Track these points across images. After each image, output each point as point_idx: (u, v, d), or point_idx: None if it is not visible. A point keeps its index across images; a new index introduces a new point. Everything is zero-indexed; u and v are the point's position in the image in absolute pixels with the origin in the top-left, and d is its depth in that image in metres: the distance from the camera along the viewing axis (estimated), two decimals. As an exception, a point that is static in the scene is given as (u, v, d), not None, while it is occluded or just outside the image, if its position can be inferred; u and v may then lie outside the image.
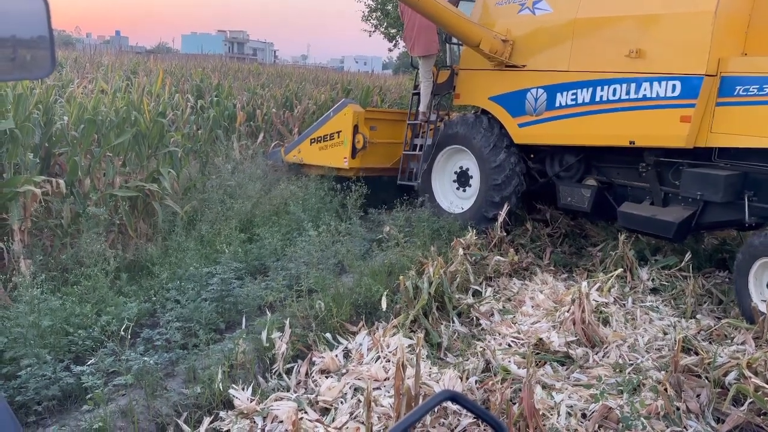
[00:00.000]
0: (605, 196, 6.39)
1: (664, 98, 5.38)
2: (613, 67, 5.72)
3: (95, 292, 4.78)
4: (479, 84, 6.98)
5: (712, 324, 4.91)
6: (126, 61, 16.60)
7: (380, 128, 8.31)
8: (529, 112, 6.38)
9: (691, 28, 5.24)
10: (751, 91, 4.97)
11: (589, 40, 5.96)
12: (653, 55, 5.47)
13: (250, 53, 63.77)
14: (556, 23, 6.21)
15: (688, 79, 5.24)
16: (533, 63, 6.40)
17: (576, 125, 6.02)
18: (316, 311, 4.71)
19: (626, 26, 5.71)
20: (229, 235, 6.30)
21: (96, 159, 6.30)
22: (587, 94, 5.88)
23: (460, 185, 7.45)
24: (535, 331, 4.65)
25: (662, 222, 5.62)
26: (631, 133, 5.67)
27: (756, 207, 5.21)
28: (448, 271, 5.36)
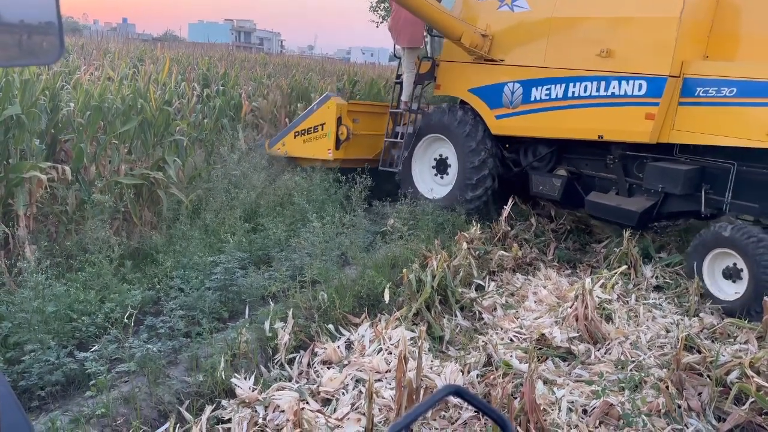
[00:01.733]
0: (574, 186, 6.77)
1: (631, 96, 5.73)
2: (584, 65, 6.04)
3: (99, 278, 4.79)
4: (459, 76, 7.23)
5: (715, 323, 4.90)
6: (133, 49, 16.58)
7: (363, 120, 8.50)
8: (506, 105, 6.69)
9: (657, 32, 5.58)
10: (710, 93, 5.35)
11: (563, 39, 6.26)
12: (622, 55, 5.80)
13: (257, 43, 63.61)
14: (533, 21, 6.50)
15: (654, 79, 5.59)
16: (511, 58, 6.69)
17: (549, 119, 6.34)
18: (319, 302, 4.71)
19: (598, 27, 6.03)
20: (233, 224, 6.31)
21: (102, 146, 6.31)
22: (560, 89, 6.19)
23: (439, 172, 7.71)
24: (537, 327, 4.65)
25: (626, 211, 6.03)
26: (599, 127, 6.01)
27: (712, 199, 5.63)
28: (451, 265, 5.35)
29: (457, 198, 7.18)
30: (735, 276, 5.29)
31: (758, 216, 5.48)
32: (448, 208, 7.03)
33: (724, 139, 5.33)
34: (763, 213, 5.46)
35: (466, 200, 7.11)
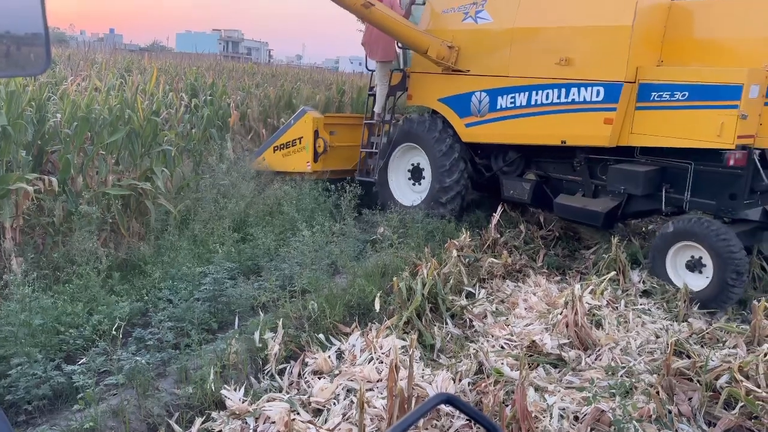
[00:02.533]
0: (543, 189, 7.04)
1: (590, 102, 5.98)
2: (545, 73, 6.26)
3: (87, 290, 4.75)
4: (429, 86, 7.46)
5: (704, 327, 4.93)
6: (120, 59, 16.53)
7: (340, 132, 8.74)
8: (474, 114, 6.92)
9: (612, 40, 5.79)
10: (664, 97, 5.61)
11: (524, 49, 6.47)
12: (580, 63, 6.04)
13: (245, 53, 63.59)
14: (496, 32, 6.72)
15: (610, 85, 5.83)
16: (477, 68, 6.91)
17: (515, 126, 6.58)
18: (309, 312, 4.69)
19: (556, 37, 6.24)
20: (222, 234, 6.28)
21: (89, 157, 6.26)
22: (524, 97, 6.43)
23: (414, 179, 7.94)
24: (528, 334, 4.65)
25: (591, 212, 6.29)
26: (562, 133, 6.26)
27: (672, 198, 5.90)
28: (441, 273, 5.36)
29: (433, 204, 7.39)
30: (698, 268, 5.53)
31: (716, 212, 5.68)
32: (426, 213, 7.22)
33: (679, 141, 5.57)
34: (720, 209, 5.67)
35: (441, 205, 7.33)
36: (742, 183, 5.54)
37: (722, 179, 5.60)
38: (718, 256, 5.30)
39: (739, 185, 5.56)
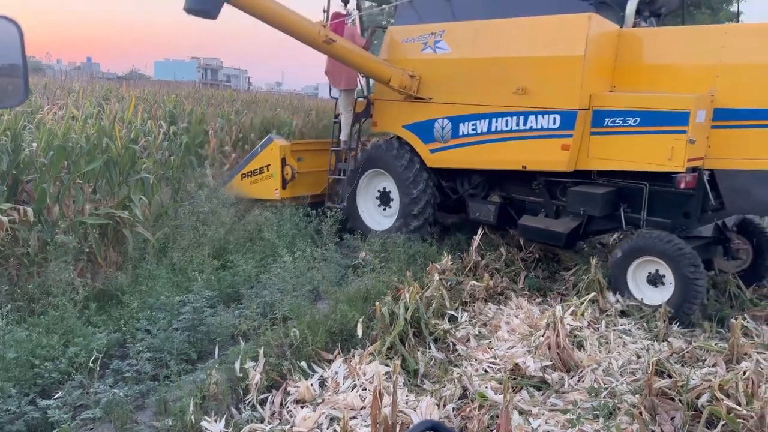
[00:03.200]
0: (508, 210, 7.28)
1: (547, 129, 6.20)
2: (504, 101, 6.47)
3: (63, 322, 4.66)
4: (393, 113, 7.64)
5: (684, 346, 4.97)
6: (98, 88, 16.43)
7: (307, 159, 8.86)
8: (438, 140, 7.12)
9: (565, 70, 6.02)
10: (617, 123, 5.84)
11: (483, 78, 6.67)
12: (536, 92, 6.26)
13: (224, 80, 63.68)
14: (455, 62, 6.92)
15: (566, 113, 6.06)
16: (438, 96, 7.09)
17: (477, 151, 6.79)
18: (291, 339, 4.64)
19: (512, 67, 6.45)
20: (201, 262, 6.22)
21: (65, 186, 6.19)
22: (485, 124, 6.64)
23: (383, 204, 8.06)
24: (511, 356, 4.65)
25: (554, 232, 6.51)
26: (522, 158, 6.48)
27: (630, 217, 6.16)
28: (424, 297, 5.35)
29: (402, 228, 7.49)
30: (658, 282, 5.72)
31: (671, 230, 5.87)
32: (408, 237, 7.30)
33: (633, 164, 5.83)
34: (674, 227, 5.91)
35: (410, 229, 7.44)
36: (694, 202, 5.84)
37: (676, 199, 5.88)
38: (678, 269, 5.50)
39: (691, 204, 5.86)
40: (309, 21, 6.76)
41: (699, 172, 5.74)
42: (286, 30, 6.63)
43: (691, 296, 5.45)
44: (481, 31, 6.76)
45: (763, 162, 5.44)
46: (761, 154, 5.44)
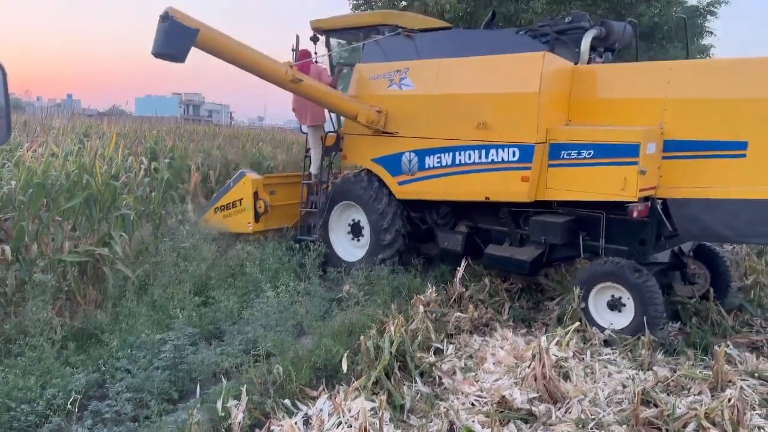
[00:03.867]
0: (474, 239, 7.48)
1: (507, 162, 6.44)
2: (466, 135, 6.71)
3: (40, 363, 4.55)
4: (362, 147, 7.85)
5: (668, 375, 4.97)
6: (78, 124, 16.35)
7: (280, 192, 9.04)
8: (406, 172, 7.34)
9: (522, 106, 6.27)
10: (572, 155, 6.09)
11: (446, 113, 6.91)
12: (495, 126, 6.50)
13: (206, 115, 63.87)
14: (419, 98, 7.18)
15: (524, 146, 6.29)
16: (405, 130, 7.32)
17: (443, 183, 7.00)
18: (275, 376, 4.57)
19: (473, 102, 6.70)
20: (182, 299, 6.14)
21: (44, 224, 6.12)
22: (449, 157, 6.87)
23: (355, 235, 8.18)
24: (497, 389, 4.61)
25: (518, 261, 6.70)
26: (485, 190, 6.72)
27: (589, 245, 6.40)
28: (409, 329, 5.31)
29: (374, 259, 7.61)
30: (618, 306, 5.93)
31: (628, 257, 6.05)
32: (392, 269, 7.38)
33: (589, 194, 6.06)
34: (631, 254, 6.11)
35: (381, 259, 7.55)
36: (649, 230, 6.07)
37: (631, 227, 6.11)
38: (637, 294, 5.72)
39: (646, 232, 6.09)
40: (276, 61, 6.93)
41: (652, 200, 5.96)
42: (254, 71, 6.81)
43: (652, 320, 5.61)
44: (443, 68, 7.04)
45: (711, 191, 5.67)
46: (708, 183, 5.68)
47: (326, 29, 8.66)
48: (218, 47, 6.39)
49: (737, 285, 7.17)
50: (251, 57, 6.66)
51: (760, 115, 5.41)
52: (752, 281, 7.24)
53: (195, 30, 6.05)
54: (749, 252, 8.26)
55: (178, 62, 6.20)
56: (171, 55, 6.18)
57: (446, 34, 7.79)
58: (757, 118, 5.43)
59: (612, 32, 6.83)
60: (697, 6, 18.29)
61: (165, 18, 5.96)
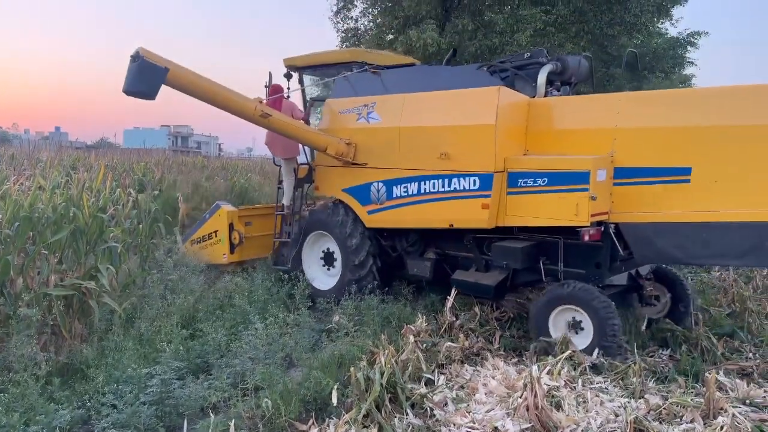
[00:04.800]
0: (442, 265, 7.73)
1: (468, 190, 6.72)
2: (430, 165, 7.02)
3: (24, 399, 4.47)
4: (333, 178, 8.13)
5: (660, 403, 4.95)
6: (66, 157, 16.34)
7: (255, 223, 9.35)
8: (374, 202, 7.61)
9: (480, 137, 6.57)
10: (529, 183, 6.37)
11: (411, 144, 7.25)
12: (457, 157, 6.80)
13: (195, 147, 63.99)
14: (386, 130, 7.49)
15: (484, 175, 6.58)
16: (373, 161, 7.64)
17: (410, 212, 7.27)
18: (263, 410, 4.51)
19: (435, 134, 7.02)
20: (170, 332, 6.07)
21: (30, 257, 6.05)
22: (415, 187, 7.17)
23: (327, 264, 8.38)
24: (490, 420, 4.57)
25: (483, 285, 6.96)
26: (449, 217, 6.95)
27: (549, 269, 6.63)
28: (399, 360, 5.27)
29: (346, 288, 7.76)
30: (577, 328, 6.12)
31: (585, 280, 6.28)
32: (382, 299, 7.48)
33: (545, 220, 6.32)
34: (588, 277, 6.35)
35: (353, 288, 7.70)
36: (603, 253, 6.33)
37: (586, 251, 6.38)
38: (594, 316, 5.93)
39: (601, 255, 6.35)
40: (245, 98, 7.16)
41: (605, 225, 6.22)
42: (224, 107, 7.04)
43: (608, 341, 5.84)
44: (407, 102, 7.36)
45: (660, 215, 5.96)
46: (657, 208, 5.97)
47: (299, 66, 9.08)
48: (188, 85, 6.63)
49: (726, 311, 7.21)
50: (221, 94, 6.90)
51: (701, 142, 5.73)
52: (741, 307, 7.29)
53: (165, 69, 6.30)
54: (736, 278, 8.32)
55: (149, 99, 6.40)
56: (141, 93, 6.38)
57: (410, 70, 8.15)
58: (698, 145, 5.74)
59: (567, 67, 7.21)
60: (678, 37, 18.73)
61: (135, 58, 6.19)
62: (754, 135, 5.50)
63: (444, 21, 14.56)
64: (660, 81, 19.82)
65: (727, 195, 5.64)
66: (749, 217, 5.54)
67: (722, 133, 5.64)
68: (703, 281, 8.35)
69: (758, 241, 5.53)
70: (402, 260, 8.03)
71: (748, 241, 5.57)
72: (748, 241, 5.57)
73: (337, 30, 16.68)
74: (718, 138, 5.65)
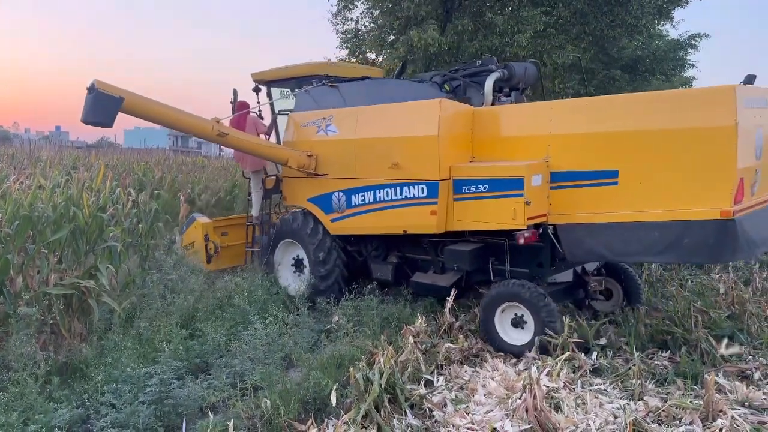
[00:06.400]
0: (404, 269, 8.04)
1: (418, 198, 7.06)
2: (383, 175, 7.36)
3: (23, 398, 4.47)
4: (299, 188, 8.45)
5: (659, 405, 4.95)
6: (66, 156, 16.36)
7: (231, 233, 9.72)
8: (336, 210, 7.94)
9: (425, 147, 6.90)
10: (471, 190, 6.68)
11: (365, 155, 7.58)
12: (405, 166, 7.14)
13: (195, 146, 63.96)
14: (343, 142, 7.84)
15: (430, 183, 6.91)
16: (333, 172, 7.96)
17: (368, 219, 7.60)
18: (262, 410, 4.51)
19: (386, 145, 7.36)
20: (169, 331, 6.07)
21: (30, 256, 6.05)
22: (371, 195, 7.50)
23: (298, 270, 8.65)
24: (489, 421, 4.57)
25: (439, 286, 7.32)
26: (402, 224, 7.30)
27: (498, 269, 6.99)
28: (399, 361, 5.27)
29: (313, 291, 8.03)
30: (521, 324, 6.41)
31: (530, 278, 6.62)
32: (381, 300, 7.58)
33: (487, 224, 6.64)
34: (531, 276, 6.70)
35: (322, 291, 8.00)
36: (544, 254, 6.74)
37: (529, 252, 6.76)
38: (535, 312, 6.23)
39: (542, 255, 6.76)
40: (202, 119, 7.49)
41: (543, 227, 6.58)
42: (182, 129, 7.40)
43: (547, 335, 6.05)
44: (360, 115, 7.71)
45: (591, 216, 6.28)
46: (588, 209, 6.29)
47: (266, 80, 9.43)
48: (144, 111, 7.02)
49: (726, 313, 7.19)
50: (177, 117, 7.30)
51: (626, 146, 6.04)
52: (740, 309, 7.28)
53: (119, 98, 6.60)
54: (736, 280, 8.31)
55: (107, 127, 6.73)
56: (98, 123, 6.67)
57: (365, 83, 8.38)
58: (624, 149, 6.05)
59: (514, 74, 7.49)
60: (678, 39, 18.72)
61: (91, 89, 6.51)
62: (673, 138, 5.80)
63: (445, 22, 14.55)
64: (661, 83, 19.80)
65: (650, 196, 5.95)
66: (669, 217, 5.86)
67: (645, 137, 5.94)
68: (702, 283, 8.33)
69: (676, 238, 5.84)
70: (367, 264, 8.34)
71: (667, 238, 5.89)
72: (667, 238, 5.89)
73: (336, 32, 16.67)
74: (642, 142, 5.95)
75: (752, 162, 5.93)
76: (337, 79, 8.37)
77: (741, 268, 9.40)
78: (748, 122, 5.69)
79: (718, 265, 9.65)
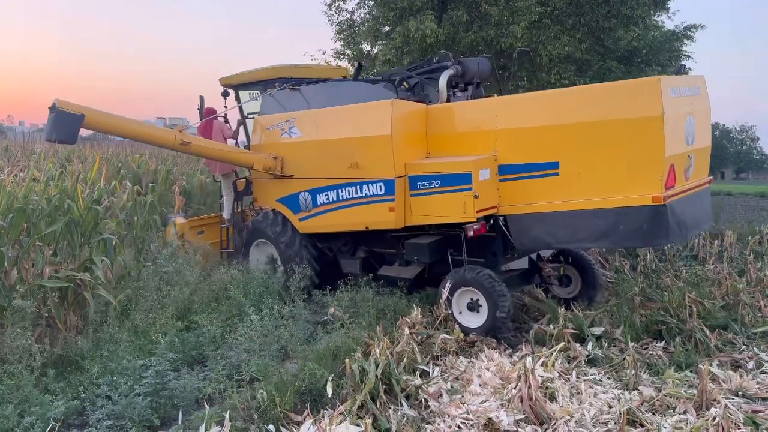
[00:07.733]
0: (371, 262, 8.26)
1: (377, 195, 7.33)
2: (344, 174, 7.62)
3: (19, 391, 4.48)
4: (268, 190, 8.72)
5: (654, 394, 4.98)
6: (60, 149, 16.28)
7: (208, 231, 9.87)
8: (304, 209, 8.20)
9: (379, 146, 7.16)
10: (425, 185, 6.98)
11: (326, 156, 7.86)
12: (363, 165, 7.40)
13: (190, 139, 63.57)
14: (305, 143, 8.10)
15: (387, 181, 7.18)
16: (298, 173, 8.23)
17: (332, 217, 7.87)
18: (258, 402, 4.52)
19: (344, 146, 7.61)
20: (165, 324, 6.07)
21: (25, 249, 6.04)
22: (334, 194, 7.78)
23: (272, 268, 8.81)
24: (484, 411, 4.59)
25: (404, 279, 7.61)
26: (364, 220, 7.57)
27: (456, 259, 7.23)
28: (394, 352, 5.28)
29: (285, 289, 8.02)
30: (476, 308, 6.69)
31: (486, 266, 6.89)
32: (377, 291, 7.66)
33: (441, 218, 6.95)
34: (487, 264, 6.98)
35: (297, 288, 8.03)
36: (497, 243, 7.09)
37: (483, 242, 7.04)
38: (489, 296, 6.52)
39: (495, 245, 7.10)
40: (163, 129, 7.81)
41: (495, 218, 6.86)
42: (144, 140, 7.67)
43: (500, 319, 6.43)
44: (320, 117, 7.97)
45: (536, 206, 6.58)
46: (534, 200, 6.58)
47: (234, 84, 9.60)
48: (106, 126, 7.33)
49: (720, 304, 7.23)
50: (137, 129, 7.59)
51: (566, 139, 6.30)
52: (734, 300, 7.31)
53: (80, 116, 6.74)
54: (731, 271, 8.35)
55: (70, 144, 6.99)
56: (62, 140, 6.86)
57: (323, 86, 8.60)
58: (563, 141, 6.31)
59: (467, 69, 7.74)
60: (674, 30, 18.68)
61: (52, 109, 6.63)
62: (606, 129, 6.05)
63: (441, 12, 14.48)
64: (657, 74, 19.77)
65: (588, 185, 6.23)
66: (605, 204, 6.14)
67: (581, 129, 6.19)
68: (697, 274, 8.36)
69: (613, 225, 6.13)
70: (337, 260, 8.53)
71: (605, 225, 6.18)
72: (605, 225, 6.18)
73: (331, 23, 16.57)
74: (579, 134, 6.21)
75: (683, 148, 6.23)
76: (299, 81, 8.60)
77: (735, 259, 9.45)
78: (675, 111, 5.97)
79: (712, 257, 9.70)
